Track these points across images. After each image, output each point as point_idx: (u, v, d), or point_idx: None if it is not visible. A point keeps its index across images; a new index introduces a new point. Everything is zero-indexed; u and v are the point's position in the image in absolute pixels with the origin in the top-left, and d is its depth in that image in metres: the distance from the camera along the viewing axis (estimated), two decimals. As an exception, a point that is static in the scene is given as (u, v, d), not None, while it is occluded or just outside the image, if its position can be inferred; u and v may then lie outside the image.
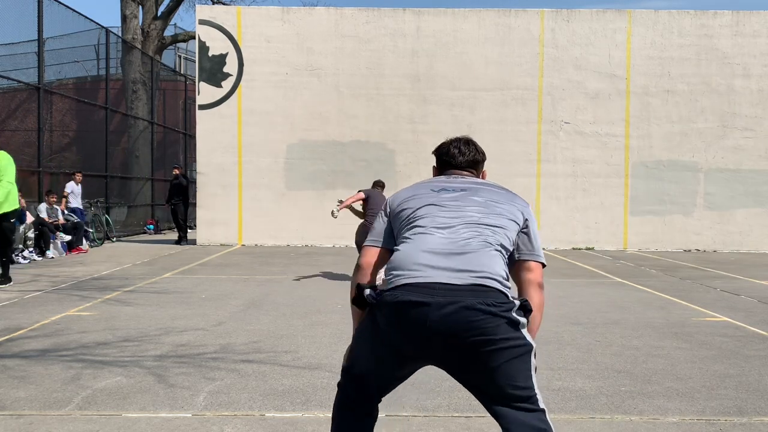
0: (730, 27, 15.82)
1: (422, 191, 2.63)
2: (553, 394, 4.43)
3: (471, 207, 2.52)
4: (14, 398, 4.23)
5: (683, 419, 3.99)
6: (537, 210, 15.85)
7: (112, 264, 11.54)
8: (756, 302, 8.30)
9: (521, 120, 15.88)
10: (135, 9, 21.86)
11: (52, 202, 13.48)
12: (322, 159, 15.92)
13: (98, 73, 19.50)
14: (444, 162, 2.79)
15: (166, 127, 23.23)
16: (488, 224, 2.48)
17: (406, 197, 2.64)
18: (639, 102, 15.87)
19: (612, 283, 10.01)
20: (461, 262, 2.38)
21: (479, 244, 2.43)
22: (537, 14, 15.90)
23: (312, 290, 8.88)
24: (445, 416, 3.98)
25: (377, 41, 15.88)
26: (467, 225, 2.47)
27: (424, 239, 2.45)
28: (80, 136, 19.35)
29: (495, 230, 2.48)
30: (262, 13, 16.02)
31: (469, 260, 2.38)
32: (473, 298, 2.30)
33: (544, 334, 6.29)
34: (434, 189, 2.62)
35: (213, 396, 4.30)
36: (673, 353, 5.59)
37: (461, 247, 2.41)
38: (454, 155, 2.75)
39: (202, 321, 6.71)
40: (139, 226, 19.50)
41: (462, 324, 2.28)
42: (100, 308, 7.35)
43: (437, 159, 2.81)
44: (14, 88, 16.90)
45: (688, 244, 15.88)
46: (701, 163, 15.88)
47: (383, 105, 15.91)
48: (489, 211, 2.50)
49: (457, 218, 2.49)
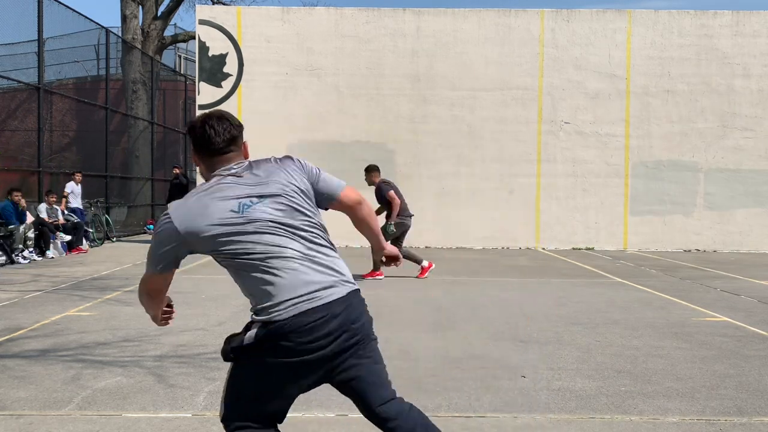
0: (730, 27, 15.82)
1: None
2: (553, 394, 4.43)
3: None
4: (14, 398, 4.23)
5: (683, 419, 3.99)
6: (537, 210, 15.86)
7: (112, 264, 11.54)
8: (756, 302, 8.30)
9: (521, 120, 15.87)
10: (135, 9, 21.86)
11: (52, 202, 13.47)
12: (322, 159, 15.89)
13: (98, 73, 19.50)
14: (201, 146, 2.50)
15: (166, 127, 23.24)
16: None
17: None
18: (639, 102, 15.87)
19: (612, 283, 10.01)
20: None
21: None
22: (537, 14, 15.90)
23: (312, 290, 8.86)
24: (445, 416, 3.98)
25: (377, 41, 15.88)
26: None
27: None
28: (80, 136, 19.35)
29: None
30: (262, 13, 16.02)
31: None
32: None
33: (544, 334, 6.30)
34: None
35: (213, 396, 4.30)
36: (673, 353, 5.59)
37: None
38: (211, 137, 2.46)
39: (203, 321, 6.72)
40: (139, 226, 19.49)
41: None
42: (100, 308, 7.36)
43: (193, 143, 2.52)
44: (14, 88, 16.89)
45: (688, 244, 15.88)
46: (701, 163, 15.88)
47: (383, 105, 15.91)
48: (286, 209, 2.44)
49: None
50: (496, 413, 4.05)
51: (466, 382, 4.67)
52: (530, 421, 3.93)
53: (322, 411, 4.04)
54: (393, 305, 7.75)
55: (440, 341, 5.93)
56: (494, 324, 6.72)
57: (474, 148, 15.87)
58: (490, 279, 10.31)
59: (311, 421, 3.89)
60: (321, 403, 4.17)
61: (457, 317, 7.07)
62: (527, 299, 8.29)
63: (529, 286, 9.43)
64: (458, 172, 15.88)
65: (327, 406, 4.12)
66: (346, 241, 15.86)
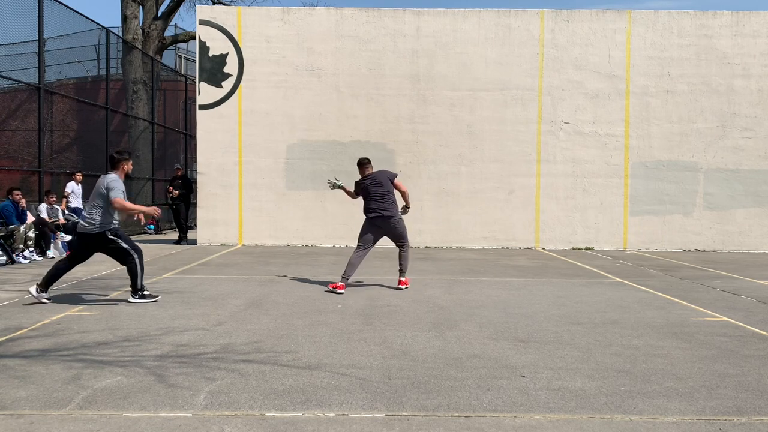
0: (730, 27, 15.83)
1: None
2: (553, 393, 4.44)
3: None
4: (15, 398, 4.23)
5: (683, 419, 3.99)
6: (537, 210, 15.87)
7: (112, 264, 11.54)
8: (755, 302, 8.31)
9: (521, 120, 15.88)
10: (135, 9, 21.88)
11: (53, 202, 13.49)
12: (322, 159, 15.93)
13: (99, 73, 19.50)
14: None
15: (166, 128, 23.24)
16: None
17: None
18: (639, 102, 15.88)
19: (612, 283, 10.02)
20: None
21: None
22: (537, 14, 15.91)
23: (312, 290, 8.88)
24: (445, 416, 3.99)
25: (377, 41, 15.89)
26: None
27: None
28: (81, 136, 19.36)
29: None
30: (262, 14, 16.03)
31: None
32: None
33: (544, 333, 6.30)
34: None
35: (213, 396, 4.31)
36: (672, 353, 5.60)
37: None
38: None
39: (203, 321, 6.73)
40: (139, 225, 19.49)
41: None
42: (100, 308, 7.36)
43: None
44: (15, 89, 16.90)
45: (687, 244, 15.89)
46: (701, 163, 15.89)
47: (383, 105, 15.92)
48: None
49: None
50: (496, 413, 4.06)
51: (465, 382, 4.67)
52: (530, 420, 3.94)
53: (322, 411, 4.05)
54: (393, 305, 7.76)
55: (440, 341, 5.94)
56: (494, 324, 6.73)
57: (474, 148, 15.87)
58: (490, 279, 10.32)
59: (311, 420, 3.90)
60: (321, 403, 4.18)
61: (457, 317, 7.08)
62: (527, 299, 8.30)
63: (529, 286, 9.44)
64: (458, 172, 15.89)
65: (327, 406, 4.13)
66: (344, 241, 15.87)
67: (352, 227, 15.61)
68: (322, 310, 7.37)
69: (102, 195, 7.57)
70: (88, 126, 18.85)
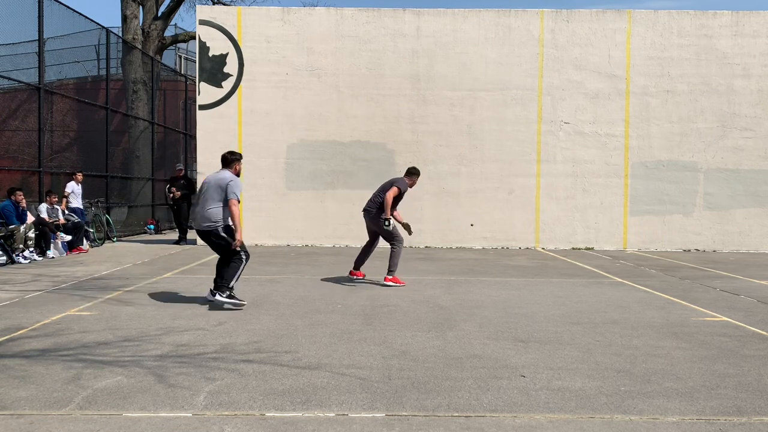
0: (730, 27, 15.83)
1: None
2: (553, 393, 4.44)
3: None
4: (15, 398, 4.24)
5: (683, 419, 4.00)
6: (537, 210, 15.87)
7: (112, 264, 11.54)
8: (755, 302, 8.31)
9: (521, 120, 15.88)
10: (135, 9, 21.88)
11: (53, 202, 13.49)
12: (322, 159, 15.93)
13: (99, 73, 19.50)
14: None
15: (166, 127, 23.24)
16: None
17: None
18: (639, 102, 15.88)
19: (612, 283, 10.02)
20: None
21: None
22: (537, 14, 15.91)
23: (312, 290, 8.89)
24: (445, 416, 3.99)
25: (377, 41, 15.89)
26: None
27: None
28: (81, 136, 19.36)
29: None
30: (262, 14, 16.03)
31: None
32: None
33: (544, 333, 6.31)
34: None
35: (213, 396, 4.31)
36: (672, 353, 5.60)
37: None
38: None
39: (203, 321, 6.73)
40: (139, 226, 19.51)
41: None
42: (100, 308, 7.37)
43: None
44: (15, 88, 16.91)
45: (687, 244, 15.89)
46: (701, 163, 15.89)
47: (383, 105, 15.92)
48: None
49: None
50: (496, 413, 4.06)
51: (465, 382, 4.68)
52: (530, 420, 3.94)
53: (322, 411, 4.05)
54: (392, 305, 7.77)
55: (440, 341, 5.94)
56: (494, 324, 6.73)
57: (474, 148, 15.88)
58: (490, 279, 10.32)
59: (311, 421, 3.90)
60: (321, 403, 4.18)
61: (457, 317, 7.08)
62: (527, 299, 8.30)
63: (529, 286, 9.44)
64: (458, 172, 15.89)
65: (327, 406, 4.13)
66: (344, 241, 15.86)
67: (352, 227, 15.62)
68: (322, 310, 7.37)
69: (222, 190, 7.43)
70: (88, 126, 18.85)
